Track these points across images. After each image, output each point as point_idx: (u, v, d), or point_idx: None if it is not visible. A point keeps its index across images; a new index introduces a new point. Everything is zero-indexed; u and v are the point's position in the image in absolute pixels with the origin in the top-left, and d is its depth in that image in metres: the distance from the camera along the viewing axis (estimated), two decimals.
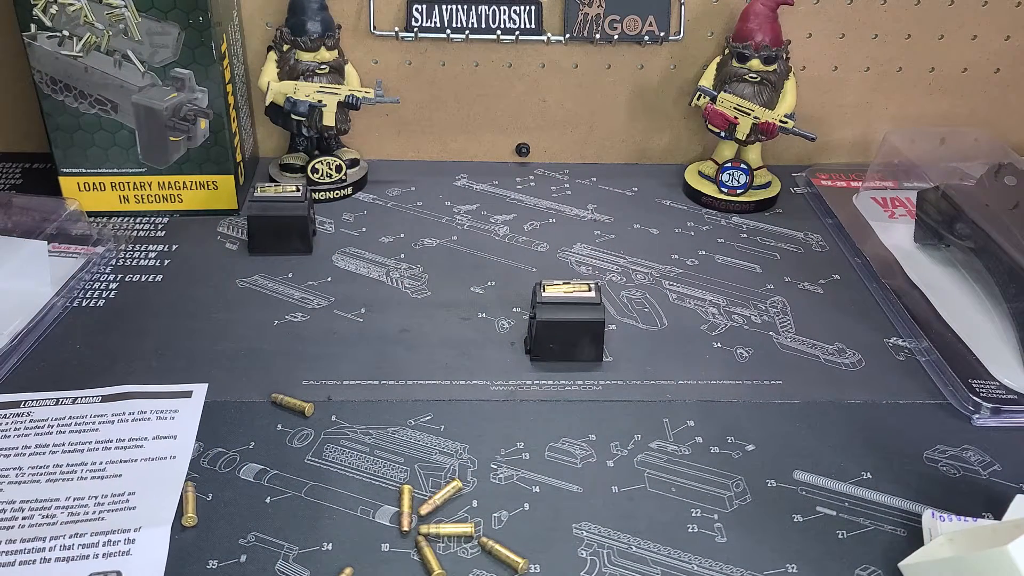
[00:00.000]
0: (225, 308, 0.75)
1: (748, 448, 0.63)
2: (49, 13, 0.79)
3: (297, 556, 0.54)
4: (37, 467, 0.59)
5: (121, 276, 0.79)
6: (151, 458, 0.60)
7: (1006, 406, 0.66)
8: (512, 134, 1.00)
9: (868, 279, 0.82)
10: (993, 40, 0.96)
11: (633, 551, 0.55)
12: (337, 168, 0.92)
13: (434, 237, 0.87)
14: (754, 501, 0.59)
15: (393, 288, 0.79)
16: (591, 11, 0.93)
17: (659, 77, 0.97)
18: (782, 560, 0.55)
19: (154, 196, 0.87)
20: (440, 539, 0.55)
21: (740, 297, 0.79)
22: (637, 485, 0.60)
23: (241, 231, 0.86)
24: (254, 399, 0.66)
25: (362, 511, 0.57)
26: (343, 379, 0.68)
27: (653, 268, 0.83)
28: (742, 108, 0.89)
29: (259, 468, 0.60)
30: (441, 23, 0.93)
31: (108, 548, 0.53)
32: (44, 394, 0.65)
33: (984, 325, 0.74)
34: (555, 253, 0.85)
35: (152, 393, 0.65)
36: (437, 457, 0.61)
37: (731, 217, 0.92)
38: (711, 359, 0.72)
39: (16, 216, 0.82)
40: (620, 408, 0.66)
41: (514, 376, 0.69)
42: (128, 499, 0.56)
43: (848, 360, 0.72)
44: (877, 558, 0.55)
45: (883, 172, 0.94)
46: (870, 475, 0.61)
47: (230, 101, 0.86)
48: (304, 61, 0.88)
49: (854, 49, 0.96)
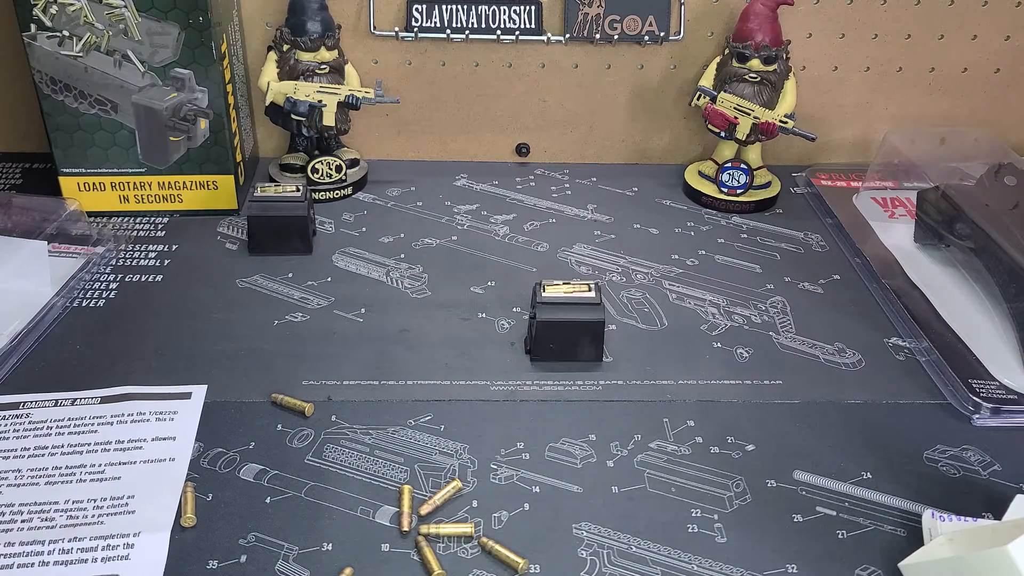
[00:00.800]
0: (225, 308, 0.75)
1: (748, 448, 0.63)
2: (49, 13, 0.79)
3: (297, 556, 0.54)
4: (36, 469, 0.59)
5: (121, 276, 0.79)
6: (150, 460, 0.60)
7: (1006, 406, 0.66)
8: (512, 134, 1.00)
9: (868, 279, 0.82)
10: (993, 40, 0.96)
11: (633, 551, 0.55)
12: (337, 168, 0.92)
13: (434, 237, 0.87)
14: (754, 501, 0.59)
15: (393, 288, 0.79)
16: (591, 11, 0.93)
17: (659, 77, 0.97)
18: (782, 560, 0.55)
19: (154, 196, 0.87)
20: (440, 539, 0.55)
21: (740, 297, 0.79)
22: (637, 485, 0.60)
23: (241, 231, 0.86)
24: (254, 399, 0.66)
25: (362, 511, 0.57)
26: (343, 379, 0.68)
27: (653, 268, 0.83)
28: (742, 108, 0.89)
29: (259, 468, 0.60)
30: (441, 23, 0.93)
31: (107, 552, 0.53)
32: (43, 395, 0.65)
33: (984, 325, 0.74)
34: (555, 253, 0.85)
35: (151, 395, 0.65)
36: (437, 457, 0.61)
37: (731, 217, 0.92)
38: (711, 359, 0.72)
39: (16, 216, 0.82)
40: (620, 408, 0.66)
41: (514, 376, 0.69)
42: (127, 503, 0.56)
43: (848, 360, 0.72)
44: (877, 558, 0.55)
45: (883, 172, 0.93)
46: (870, 475, 0.61)
47: (230, 101, 0.86)
48: (304, 61, 0.88)
49: (854, 49, 0.96)
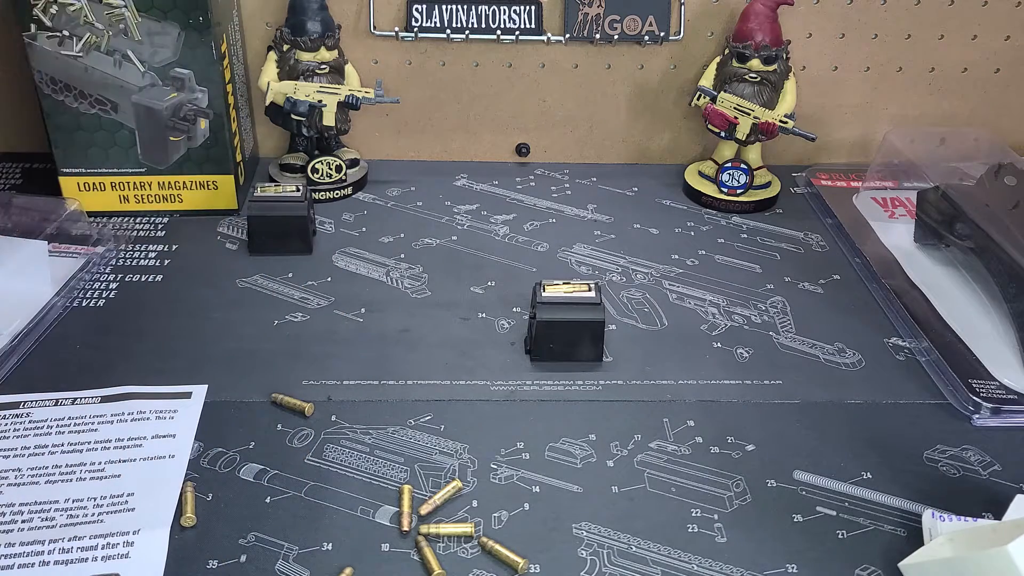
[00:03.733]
0: (225, 308, 0.75)
1: (748, 448, 0.63)
2: (49, 13, 0.79)
3: (297, 556, 0.54)
4: (36, 468, 0.59)
5: (121, 276, 0.79)
6: (150, 457, 0.60)
7: (1006, 406, 0.66)
8: (512, 134, 1.00)
9: (868, 279, 0.82)
10: (993, 40, 0.96)
11: (633, 551, 0.55)
12: (337, 168, 0.92)
13: (434, 237, 0.87)
14: (754, 501, 0.59)
15: (393, 288, 0.79)
16: (591, 11, 0.93)
17: (659, 77, 0.97)
18: (782, 560, 0.55)
19: (154, 196, 0.87)
20: (440, 539, 0.55)
21: (740, 297, 0.79)
22: (637, 485, 0.60)
23: (241, 231, 0.86)
24: (254, 399, 0.66)
25: (362, 511, 0.57)
26: (343, 379, 0.68)
27: (653, 268, 0.83)
28: (742, 108, 0.89)
29: (259, 468, 0.60)
30: (441, 23, 0.93)
31: (107, 551, 0.53)
32: (43, 395, 0.65)
33: (984, 325, 0.74)
34: (555, 253, 0.85)
35: (152, 394, 0.65)
36: (437, 457, 0.61)
37: (731, 217, 0.92)
38: (711, 359, 0.72)
39: (16, 216, 0.82)
40: (620, 408, 0.66)
41: (514, 376, 0.69)
42: (127, 500, 0.56)
43: (848, 360, 0.72)
44: (877, 558, 0.55)
45: (883, 172, 0.93)
46: (870, 475, 0.61)
47: (230, 101, 0.86)
48: (304, 61, 0.88)
49: (854, 49, 0.96)
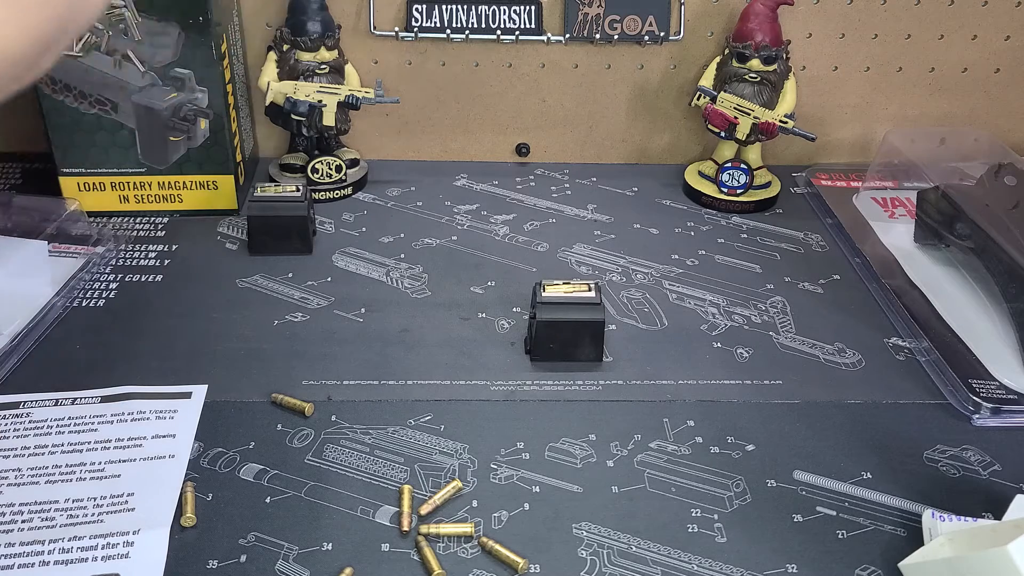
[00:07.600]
0: (225, 308, 0.75)
1: (748, 448, 0.63)
2: None
3: (297, 556, 0.54)
4: (36, 468, 0.59)
5: (121, 276, 0.79)
6: (150, 457, 0.60)
7: (1006, 406, 0.66)
8: (512, 134, 1.00)
9: (868, 279, 0.82)
10: (993, 40, 0.96)
11: (633, 551, 0.55)
12: (337, 168, 0.92)
13: (434, 237, 0.87)
14: (754, 501, 0.59)
15: (393, 288, 0.79)
16: (591, 11, 0.93)
17: (659, 77, 0.97)
18: (782, 560, 0.55)
19: (154, 196, 0.87)
20: (440, 539, 0.55)
21: (740, 297, 0.79)
22: (637, 485, 0.60)
23: (241, 231, 0.86)
24: (254, 399, 0.66)
25: (362, 511, 0.57)
26: (343, 379, 0.68)
27: (653, 268, 0.83)
28: (742, 108, 0.89)
29: (259, 468, 0.60)
30: (441, 23, 0.93)
31: (107, 551, 0.53)
32: (43, 395, 0.65)
33: (984, 325, 0.74)
34: (555, 253, 0.85)
35: (152, 394, 0.65)
36: (437, 457, 0.61)
37: (731, 217, 0.92)
38: (711, 359, 0.72)
39: (16, 216, 0.82)
40: (620, 408, 0.66)
41: (514, 376, 0.69)
42: (127, 500, 0.56)
43: (848, 360, 0.72)
44: (877, 558, 0.55)
45: (883, 172, 0.93)
46: (870, 475, 0.61)
47: (230, 101, 0.86)
48: (304, 61, 0.88)
49: (854, 49, 0.96)
